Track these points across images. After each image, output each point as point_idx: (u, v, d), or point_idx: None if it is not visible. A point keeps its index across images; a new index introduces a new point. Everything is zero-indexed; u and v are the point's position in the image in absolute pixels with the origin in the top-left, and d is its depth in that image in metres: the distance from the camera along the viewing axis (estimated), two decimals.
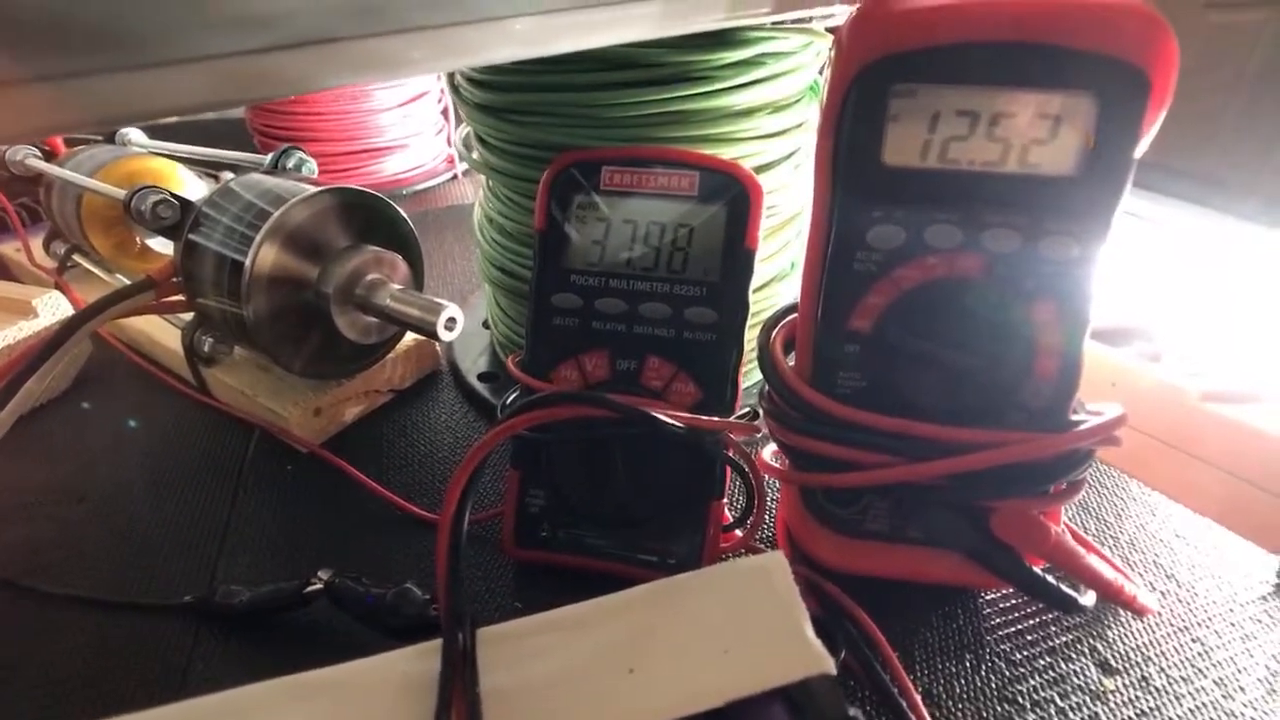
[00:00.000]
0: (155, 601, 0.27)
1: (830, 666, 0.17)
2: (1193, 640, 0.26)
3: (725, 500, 0.27)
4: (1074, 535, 0.27)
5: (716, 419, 0.24)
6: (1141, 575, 0.28)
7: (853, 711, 0.17)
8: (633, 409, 0.23)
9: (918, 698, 0.22)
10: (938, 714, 0.23)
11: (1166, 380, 0.33)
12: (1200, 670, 0.24)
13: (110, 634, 0.26)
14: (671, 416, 0.23)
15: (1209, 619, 0.26)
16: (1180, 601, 0.27)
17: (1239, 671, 0.24)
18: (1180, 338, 0.36)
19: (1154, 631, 0.26)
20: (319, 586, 0.25)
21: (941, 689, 0.24)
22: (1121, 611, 0.26)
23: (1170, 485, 0.30)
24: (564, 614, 0.18)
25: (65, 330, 0.31)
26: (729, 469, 0.27)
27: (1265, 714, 0.23)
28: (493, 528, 0.29)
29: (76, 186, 0.42)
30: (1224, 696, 0.24)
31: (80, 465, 0.35)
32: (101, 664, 0.25)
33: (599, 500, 0.27)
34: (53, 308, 0.39)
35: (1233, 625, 0.26)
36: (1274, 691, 0.24)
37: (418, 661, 0.17)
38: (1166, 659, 0.25)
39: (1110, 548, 0.29)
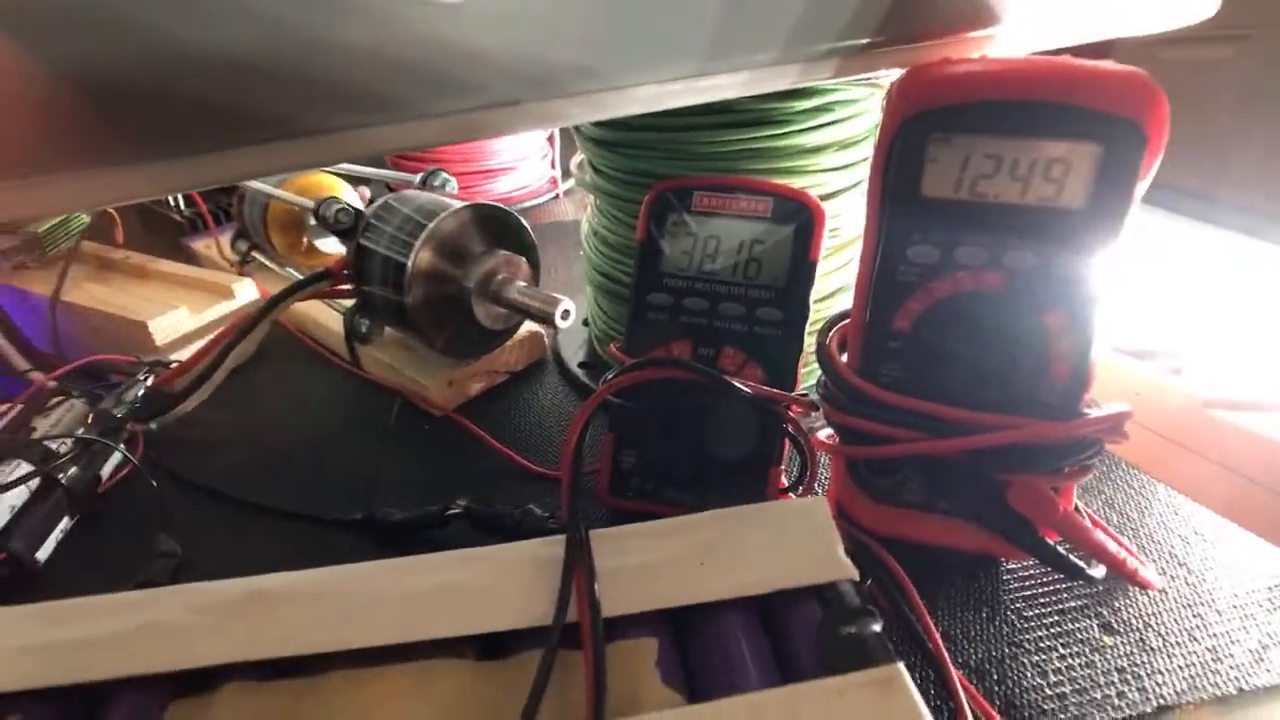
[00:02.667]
0: (334, 516, 0.34)
1: (854, 574, 0.23)
2: (1194, 615, 0.29)
3: (783, 468, 0.32)
4: (1091, 520, 0.31)
5: (778, 391, 0.30)
6: (1155, 563, 0.32)
7: (870, 607, 0.22)
8: (711, 371, 0.29)
9: (933, 625, 0.26)
10: (952, 648, 0.28)
11: (1184, 390, 0.36)
12: (1195, 639, 0.28)
13: (297, 540, 0.34)
14: (741, 383, 0.29)
15: (1213, 600, 0.30)
16: (1188, 585, 0.30)
17: (1232, 643, 0.28)
18: (1201, 353, 0.39)
19: (1159, 605, 0.29)
20: (458, 510, 0.32)
21: (959, 632, 0.28)
22: (1132, 588, 0.30)
23: (1193, 489, 0.34)
24: (654, 525, 0.25)
25: (269, 305, 0.39)
26: (787, 442, 0.32)
27: (1248, 676, 0.26)
28: (591, 482, 0.35)
29: (265, 195, 0.52)
30: (1213, 660, 0.27)
31: (262, 418, 0.43)
32: (290, 561, 0.32)
33: (679, 462, 0.33)
34: (246, 291, 0.49)
35: (1235, 607, 0.29)
36: (1261, 661, 0.27)
37: (545, 548, 0.24)
38: (1165, 627, 0.28)
39: (1129, 538, 0.33)
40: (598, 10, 0.22)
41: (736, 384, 0.29)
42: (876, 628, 0.21)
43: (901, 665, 0.20)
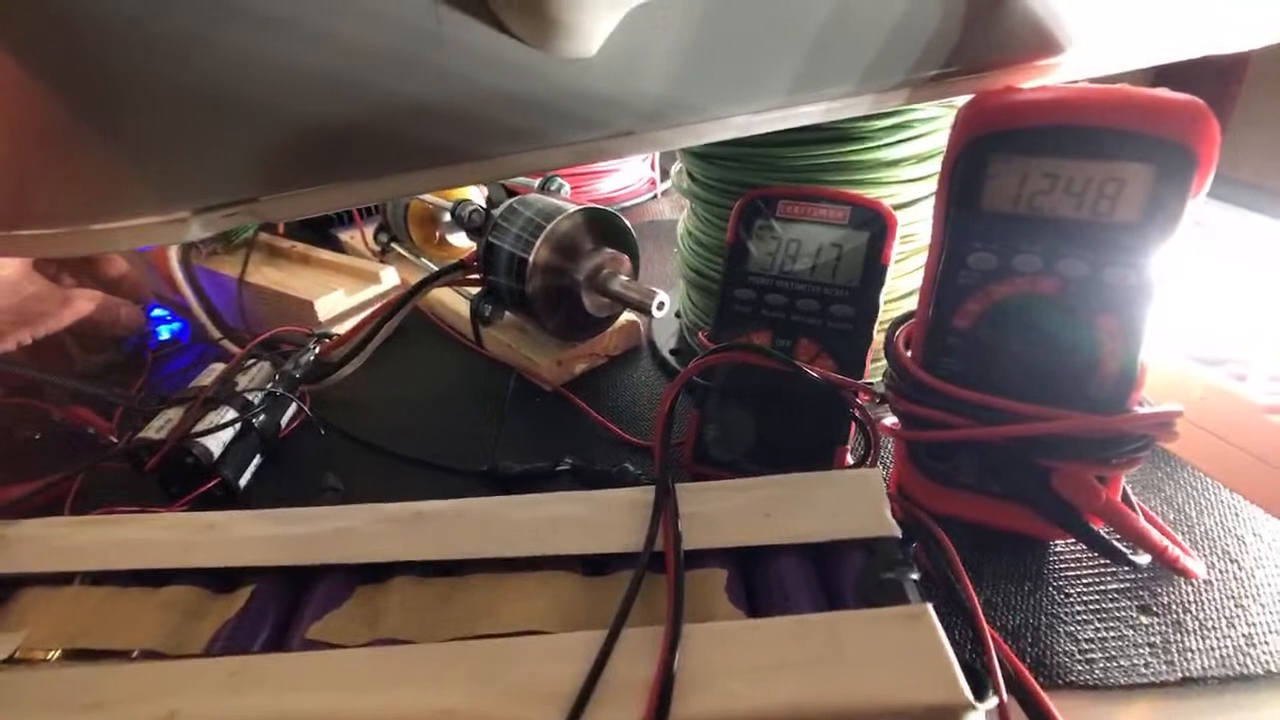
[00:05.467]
0: (462, 467, 0.41)
1: (898, 532, 0.27)
2: (1236, 606, 0.31)
3: (849, 448, 0.36)
4: (1144, 513, 0.33)
5: (845, 378, 0.34)
6: (1207, 558, 0.33)
7: (908, 559, 0.26)
8: (780, 356, 0.34)
9: (969, 583, 0.29)
10: (991, 613, 0.31)
11: (1245, 396, 0.36)
12: (1232, 625, 0.30)
13: (431, 485, 0.41)
14: (808, 368, 0.33)
15: (1258, 594, 0.31)
16: (1235, 580, 0.32)
17: (1270, 633, 0.30)
18: (1266, 358, 0.39)
19: (1201, 594, 0.31)
20: (566, 466, 0.38)
21: (1000, 600, 0.32)
22: (1178, 579, 0.32)
23: (1253, 493, 0.35)
24: (730, 482, 0.30)
25: (413, 290, 0.47)
26: (854, 425, 0.36)
27: None
28: (678, 453, 0.40)
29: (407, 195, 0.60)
30: (1247, 645, 0.29)
31: (403, 385, 0.51)
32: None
33: (755, 437, 0.37)
34: (389, 277, 0.57)
35: None
36: None
37: (640, 494, 0.29)
38: (1204, 613, 0.31)
39: (1184, 535, 0.35)
40: (698, 58, 0.27)
41: (803, 368, 0.33)
42: (913, 576, 0.25)
43: (930, 606, 0.24)
